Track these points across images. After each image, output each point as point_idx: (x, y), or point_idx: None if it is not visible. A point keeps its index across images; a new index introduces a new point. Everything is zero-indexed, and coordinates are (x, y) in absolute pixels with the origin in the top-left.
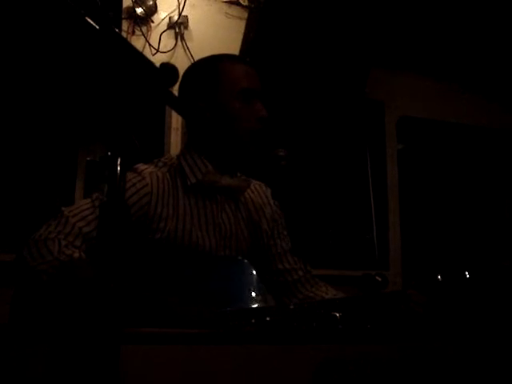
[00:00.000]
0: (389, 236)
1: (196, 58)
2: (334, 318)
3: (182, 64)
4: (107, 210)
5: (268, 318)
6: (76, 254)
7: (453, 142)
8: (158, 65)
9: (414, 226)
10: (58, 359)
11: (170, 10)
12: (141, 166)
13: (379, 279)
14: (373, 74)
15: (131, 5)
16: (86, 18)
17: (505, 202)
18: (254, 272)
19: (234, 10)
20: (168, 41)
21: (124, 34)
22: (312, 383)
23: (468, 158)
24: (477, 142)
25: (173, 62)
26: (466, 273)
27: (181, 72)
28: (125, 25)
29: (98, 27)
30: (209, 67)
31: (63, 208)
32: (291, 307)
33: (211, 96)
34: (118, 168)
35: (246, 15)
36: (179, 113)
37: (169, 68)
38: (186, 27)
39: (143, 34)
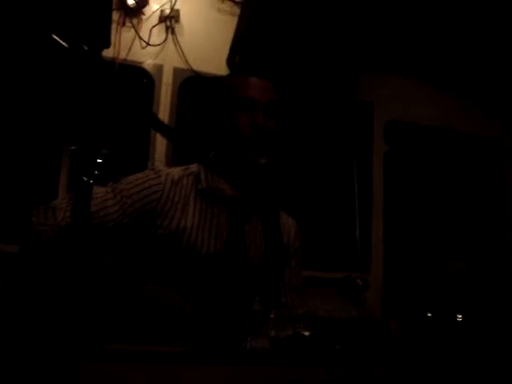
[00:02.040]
0: (371, 238)
1: (186, 53)
2: (303, 338)
3: (171, 58)
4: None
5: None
6: None
7: (439, 147)
8: (147, 58)
9: (398, 229)
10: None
11: (162, 3)
12: (162, 167)
13: (360, 283)
14: (363, 75)
15: None
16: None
17: (488, 207)
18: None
19: (226, 6)
20: (158, 34)
21: (114, 25)
22: None
23: (453, 164)
24: (463, 148)
25: (162, 56)
26: (459, 316)
27: (170, 67)
28: (115, 16)
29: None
30: (221, 85)
31: None
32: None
33: (217, 110)
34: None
35: (237, 11)
36: (164, 135)
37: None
38: (178, 21)
39: (133, 27)
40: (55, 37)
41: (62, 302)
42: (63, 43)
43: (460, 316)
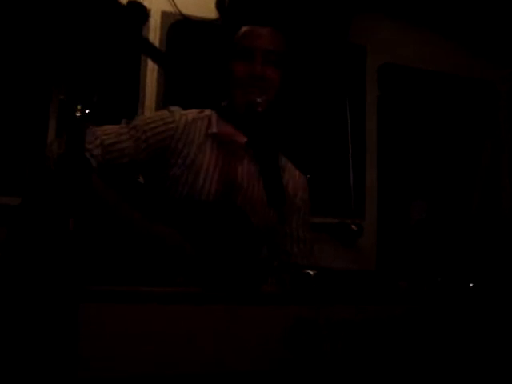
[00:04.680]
0: (365, 184)
1: None
2: (308, 276)
3: (159, 1)
4: (65, 161)
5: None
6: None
7: (433, 90)
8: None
9: (391, 174)
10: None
11: None
12: (176, 108)
13: (354, 228)
14: (357, 18)
15: None
16: None
17: (482, 150)
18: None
19: None
20: None
21: None
22: (285, 342)
23: (447, 107)
24: (457, 91)
25: None
26: (471, 284)
27: (157, 10)
28: None
29: None
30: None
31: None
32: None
33: (218, 56)
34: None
35: None
36: (156, 61)
37: (136, 5)
38: None
39: None
40: None
41: (58, 242)
42: None
43: (472, 284)
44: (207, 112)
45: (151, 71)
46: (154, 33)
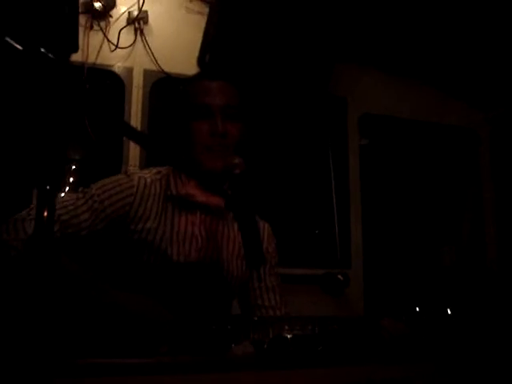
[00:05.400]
0: (351, 234)
1: (156, 54)
2: (285, 340)
3: (141, 60)
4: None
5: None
6: None
7: (415, 139)
8: (117, 61)
9: (376, 223)
10: None
11: (130, 5)
12: (134, 171)
13: (341, 278)
14: (336, 69)
15: None
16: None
17: (465, 198)
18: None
19: (195, 5)
20: (127, 36)
21: (82, 29)
22: None
23: (429, 155)
24: (438, 139)
25: (132, 58)
26: (448, 310)
27: (140, 69)
28: (82, 19)
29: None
30: (179, 90)
31: None
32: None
33: (176, 117)
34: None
35: (206, 10)
36: (138, 143)
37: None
38: (146, 22)
39: (101, 30)
40: (10, 40)
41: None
42: (18, 46)
43: (449, 310)
44: (164, 171)
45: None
46: (137, 90)
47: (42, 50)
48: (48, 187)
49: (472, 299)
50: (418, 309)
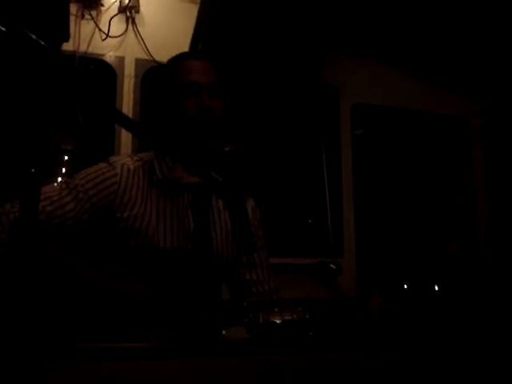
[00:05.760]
0: (343, 223)
1: (147, 43)
2: (274, 325)
3: (132, 49)
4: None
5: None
6: None
7: (407, 128)
8: (108, 50)
9: (368, 212)
10: None
11: None
12: (115, 158)
13: (333, 267)
14: (329, 59)
15: None
16: None
17: (458, 188)
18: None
19: None
20: (118, 25)
21: (73, 18)
22: None
23: (421, 144)
24: (430, 129)
25: (123, 47)
26: (435, 286)
27: (131, 58)
28: (73, 8)
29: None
30: (164, 71)
31: None
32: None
33: (165, 96)
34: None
35: None
36: (129, 130)
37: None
38: (138, 11)
39: (93, 18)
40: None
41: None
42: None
43: (436, 286)
44: (146, 157)
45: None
46: (129, 80)
47: (34, 36)
48: (33, 170)
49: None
50: (405, 286)
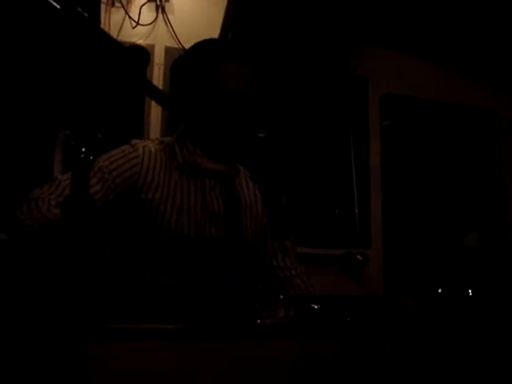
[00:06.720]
0: (370, 214)
1: (177, 32)
2: (313, 310)
3: (162, 38)
4: (71, 203)
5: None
6: None
7: (436, 120)
8: (138, 38)
9: (396, 203)
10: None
11: None
12: (137, 140)
13: (360, 258)
14: (358, 50)
15: None
16: None
17: (488, 180)
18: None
19: None
20: (148, 13)
21: (103, 6)
22: (290, 377)
23: (451, 136)
24: (460, 121)
25: (153, 35)
26: (469, 291)
27: (161, 46)
28: None
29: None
30: (204, 64)
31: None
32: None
33: (202, 93)
34: (82, 159)
35: None
36: (160, 103)
37: (139, 50)
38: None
39: (123, 6)
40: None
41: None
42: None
43: (470, 291)
44: (166, 141)
45: (155, 107)
46: (158, 68)
47: (86, 14)
48: (83, 149)
49: (493, 281)
50: (440, 290)
